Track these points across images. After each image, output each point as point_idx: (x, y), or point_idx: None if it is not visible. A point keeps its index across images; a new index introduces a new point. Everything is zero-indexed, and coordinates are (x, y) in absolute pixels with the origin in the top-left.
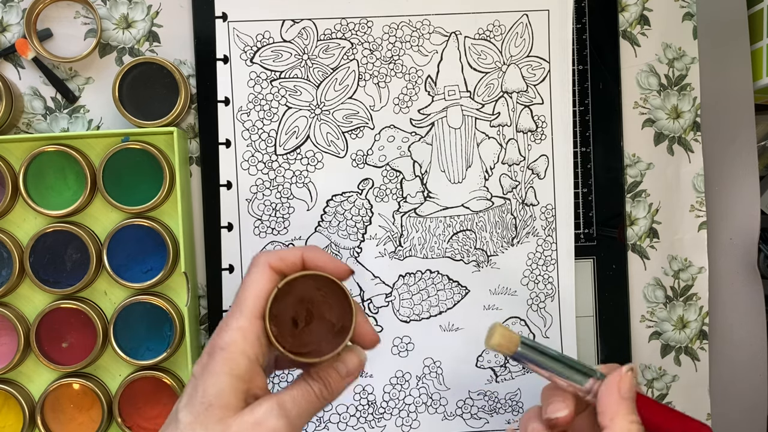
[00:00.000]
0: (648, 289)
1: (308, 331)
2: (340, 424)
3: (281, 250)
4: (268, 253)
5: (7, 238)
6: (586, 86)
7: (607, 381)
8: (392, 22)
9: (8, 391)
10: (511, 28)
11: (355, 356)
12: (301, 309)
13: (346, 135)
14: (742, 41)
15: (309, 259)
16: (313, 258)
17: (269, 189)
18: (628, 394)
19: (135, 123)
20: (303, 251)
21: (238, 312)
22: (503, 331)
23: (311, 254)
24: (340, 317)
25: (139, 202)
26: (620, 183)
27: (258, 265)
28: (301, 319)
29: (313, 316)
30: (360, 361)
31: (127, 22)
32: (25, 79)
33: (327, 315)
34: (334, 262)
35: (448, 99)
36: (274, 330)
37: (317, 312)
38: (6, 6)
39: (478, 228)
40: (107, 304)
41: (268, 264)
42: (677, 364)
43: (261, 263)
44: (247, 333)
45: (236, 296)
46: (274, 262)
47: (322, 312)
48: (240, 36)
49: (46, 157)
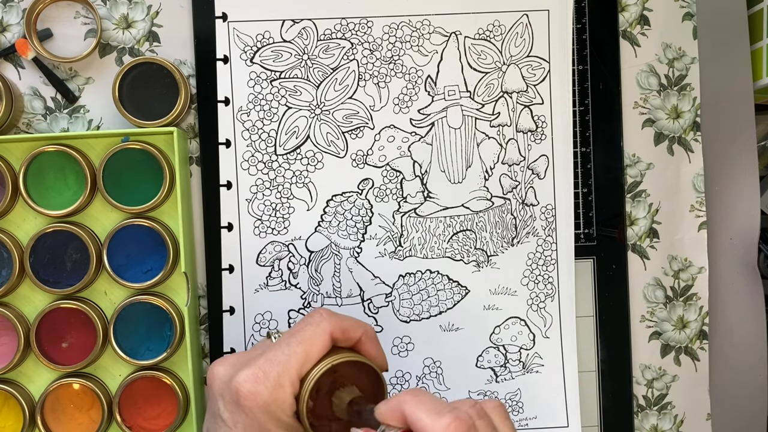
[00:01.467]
0: (648, 289)
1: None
2: None
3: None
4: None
5: (7, 238)
6: (586, 86)
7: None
8: (392, 22)
9: (8, 391)
10: (511, 28)
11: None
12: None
13: (346, 135)
14: (742, 41)
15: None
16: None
17: (269, 189)
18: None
19: (135, 123)
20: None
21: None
22: None
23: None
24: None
25: (139, 202)
26: (620, 183)
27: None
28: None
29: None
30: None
31: (127, 22)
32: (25, 79)
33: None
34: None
35: (448, 99)
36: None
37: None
38: (6, 6)
39: (478, 228)
40: (107, 304)
41: (330, 332)
42: (677, 364)
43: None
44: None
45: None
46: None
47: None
48: (240, 36)
49: (46, 157)
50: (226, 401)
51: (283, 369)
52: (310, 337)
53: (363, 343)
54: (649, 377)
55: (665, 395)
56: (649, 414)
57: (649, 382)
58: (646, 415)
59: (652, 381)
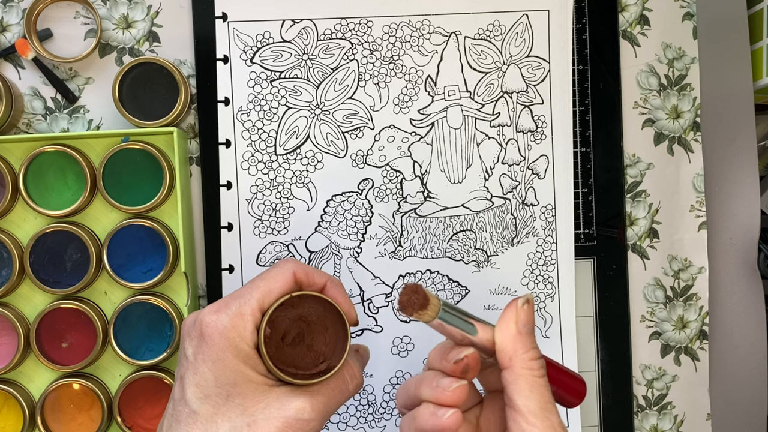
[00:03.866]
0: (648, 289)
1: (290, 351)
2: (340, 424)
3: (311, 267)
4: (298, 263)
5: (7, 238)
6: (586, 86)
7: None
8: (392, 22)
9: (8, 391)
10: (511, 28)
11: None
12: (294, 327)
13: (346, 135)
14: (742, 41)
15: (330, 288)
16: (334, 291)
17: (269, 189)
18: (525, 329)
19: (135, 123)
20: (329, 279)
21: (242, 298)
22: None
23: (334, 287)
24: (328, 354)
25: (139, 202)
26: (620, 183)
27: (284, 267)
28: (290, 336)
29: (303, 339)
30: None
31: (127, 22)
32: (25, 79)
33: (315, 344)
34: (350, 304)
35: (448, 99)
36: (267, 332)
37: (308, 337)
38: (6, 6)
39: (478, 228)
40: (107, 304)
41: (294, 271)
42: (677, 364)
43: (287, 267)
44: (247, 321)
45: (247, 284)
46: (299, 273)
47: (312, 339)
48: (240, 36)
49: (46, 157)
50: (191, 338)
51: (245, 300)
52: (273, 275)
53: (329, 288)
54: (649, 377)
55: (665, 395)
56: (649, 414)
57: (649, 382)
58: (646, 415)
59: (652, 381)
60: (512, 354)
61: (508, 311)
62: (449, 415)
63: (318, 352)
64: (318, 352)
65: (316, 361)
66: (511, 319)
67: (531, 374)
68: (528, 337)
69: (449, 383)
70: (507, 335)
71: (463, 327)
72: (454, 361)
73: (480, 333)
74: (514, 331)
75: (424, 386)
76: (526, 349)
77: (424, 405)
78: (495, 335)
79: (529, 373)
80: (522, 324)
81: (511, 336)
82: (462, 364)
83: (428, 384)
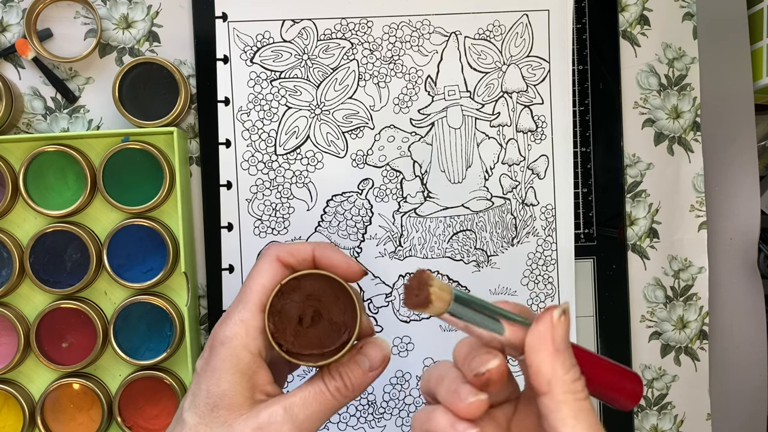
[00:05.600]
0: (648, 289)
1: (314, 332)
2: (340, 424)
3: (292, 243)
4: (278, 246)
5: (7, 238)
6: (586, 86)
7: (535, 332)
8: (392, 22)
9: (8, 391)
10: (511, 28)
11: (378, 349)
12: (307, 307)
13: (346, 135)
14: (742, 41)
15: (320, 256)
16: (325, 255)
17: (269, 189)
18: (563, 345)
19: (135, 123)
20: (314, 247)
21: (241, 304)
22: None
23: (323, 251)
24: (345, 319)
25: (139, 202)
26: (620, 183)
27: (266, 257)
28: (307, 318)
29: (321, 316)
30: (384, 355)
31: (127, 22)
32: (25, 79)
33: (334, 316)
34: (347, 260)
35: (448, 99)
36: (272, 327)
37: (325, 312)
38: (6, 6)
39: (478, 228)
40: (107, 304)
41: (277, 257)
42: (677, 364)
43: (270, 255)
44: (249, 326)
45: (242, 288)
46: (283, 256)
47: (330, 313)
48: (240, 36)
49: (46, 157)
50: (205, 350)
51: (243, 305)
52: (259, 270)
53: (319, 258)
54: (649, 377)
55: (665, 395)
56: (649, 414)
57: (649, 382)
58: (646, 415)
59: (652, 381)
60: (551, 377)
61: (542, 325)
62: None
63: (338, 323)
64: (338, 323)
65: (340, 333)
66: (547, 336)
67: (575, 398)
68: (566, 353)
69: (467, 394)
70: (544, 356)
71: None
72: (474, 374)
73: (507, 333)
74: (551, 350)
75: (443, 387)
76: (566, 369)
77: (442, 411)
78: (528, 354)
79: (573, 398)
80: (560, 341)
81: (549, 356)
82: (483, 378)
83: (447, 386)
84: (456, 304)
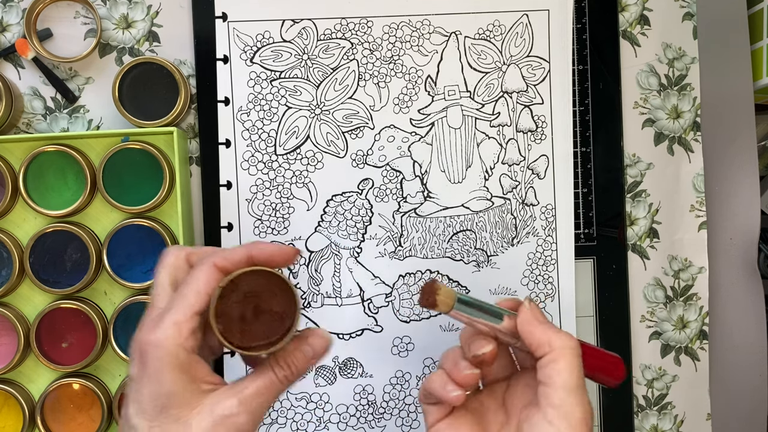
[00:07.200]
0: (648, 289)
1: (258, 326)
2: (340, 424)
3: (226, 249)
4: (214, 254)
5: (7, 238)
6: (586, 86)
7: (521, 316)
8: (392, 22)
9: (8, 391)
10: (511, 28)
11: (320, 338)
12: (247, 304)
13: (346, 135)
14: (742, 41)
15: (255, 255)
16: (259, 252)
17: (269, 189)
18: (543, 318)
19: (135, 123)
20: (248, 249)
21: (172, 309)
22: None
23: (256, 250)
24: (285, 308)
25: (139, 202)
26: (620, 183)
27: (202, 265)
28: (249, 314)
29: (262, 309)
30: (325, 342)
31: (127, 22)
32: (25, 79)
33: (274, 306)
34: (279, 249)
35: (448, 99)
36: (220, 327)
37: (265, 305)
38: (6, 6)
39: (478, 228)
40: (107, 304)
41: (213, 264)
42: (677, 364)
43: (205, 263)
44: (183, 328)
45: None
46: (219, 262)
47: (270, 304)
48: (240, 36)
49: (46, 157)
50: (133, 358)
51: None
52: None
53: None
54: (649, 377)
55: (665, 395)
56: (649, 414)
57: (649, 382)
58: (646, 415)
59: (652, 381)
60: (549, 339)
61: (523, 312)
62: (455, 394)
63: (279, 312)
64: (279, 312)
65: (283, 321)
66: (530, 315)
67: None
68: (550, 324)
69: (465, 367)
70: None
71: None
72: (473, 355)
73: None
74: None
75: (449, 360)
76: (558, 333)
77: (440, 374)
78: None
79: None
80: (540, 316)
81: (538, 325)
82: (479, 359)
83: (452, 359)
84: (459, 304)
